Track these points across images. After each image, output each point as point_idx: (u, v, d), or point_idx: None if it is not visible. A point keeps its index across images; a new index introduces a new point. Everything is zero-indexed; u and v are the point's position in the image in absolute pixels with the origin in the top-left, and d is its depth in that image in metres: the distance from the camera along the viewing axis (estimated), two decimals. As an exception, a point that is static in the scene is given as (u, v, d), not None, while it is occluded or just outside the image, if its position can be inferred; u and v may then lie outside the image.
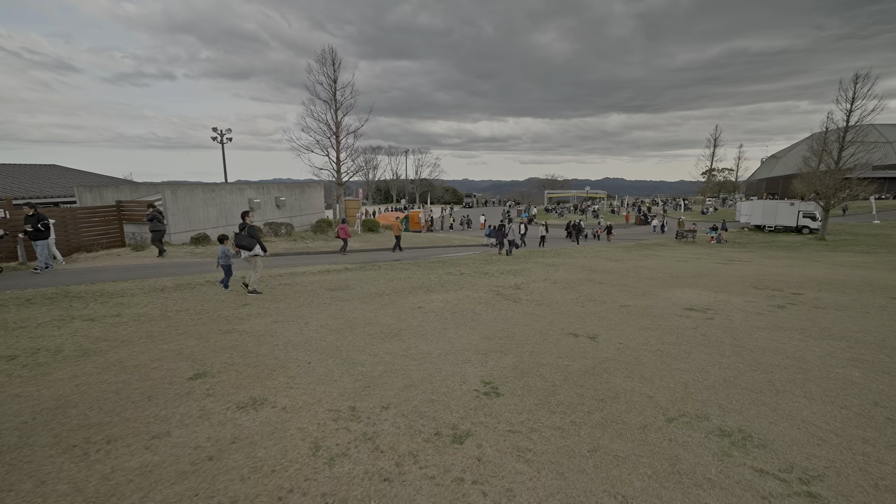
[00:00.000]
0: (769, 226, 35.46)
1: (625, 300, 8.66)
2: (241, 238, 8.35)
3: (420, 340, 5.66)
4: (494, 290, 9.66)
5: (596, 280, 11.31)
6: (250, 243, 8.37)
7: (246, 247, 8.35)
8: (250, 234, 8.42)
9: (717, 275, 12.72)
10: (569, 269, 13.36)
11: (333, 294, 8.87)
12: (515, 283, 10.72)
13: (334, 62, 22.39)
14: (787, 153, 70.98)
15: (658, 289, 10.09)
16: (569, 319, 7.03)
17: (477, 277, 11.55)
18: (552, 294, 9.28)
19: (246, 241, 8.35)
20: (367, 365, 4.69)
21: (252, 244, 8.38)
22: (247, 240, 8.36)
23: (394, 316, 7.03)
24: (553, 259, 16.72)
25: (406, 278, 11.17)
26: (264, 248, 8.68)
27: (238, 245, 8.30)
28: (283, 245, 18.03)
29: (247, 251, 8.40)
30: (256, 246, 8.44)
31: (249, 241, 8.37)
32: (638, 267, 14.35)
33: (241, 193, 19.97)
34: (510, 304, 8.22)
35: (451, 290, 9.50)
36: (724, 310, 7.82)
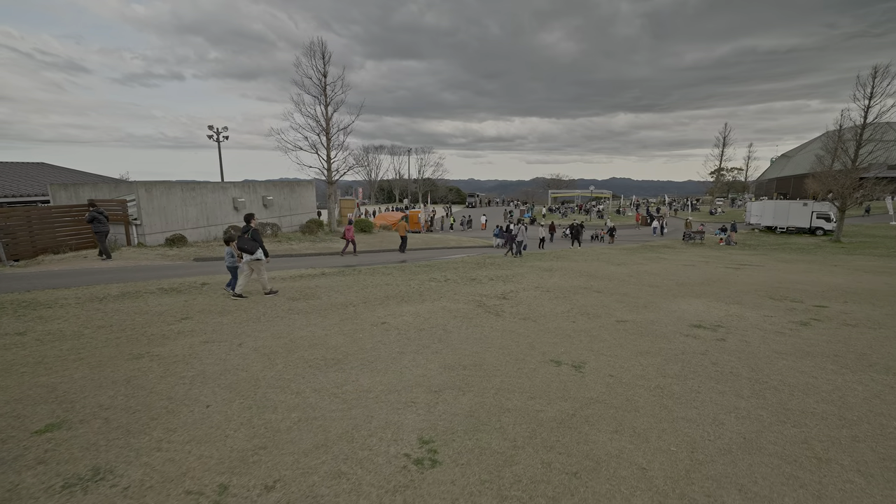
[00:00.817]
0: (781, 227, 34.07)
1: (623, 314, 7.57)
2: (244, 241, 8.16)
3: (364, 371, 4.62)
4: (477, 300, 8.61)
5: (593, 288, 10.21)
6: (252, 247, 8.18)
7: (248, 250, 8.18)
8: (253, 237, 8.23)
9: (728, 282, 11.57)
10: (565, 275, 12.27)
11: (293, 305, 7.87)
12: (503, 291, 9.66)
13: (324, 56, 21.46)
14: (798, 152, 69.20)
15: (661, 299, 8.98)
16: (554, 340, 5.96)
17: (462, 284, 10.50)
18: (541, 305, 8.21)
19: (248, 245, 8.16)
20: (281, 409, 3.67)
21: (254, 248, 8.19)
22: (249, 243, 8.17)
23: (348, 335, 6.00)
24: (550, 263, 15.62)
25: (383, 285, 10.15)
26: (266, 252, 8.57)
27: (240, 248, 8.16)
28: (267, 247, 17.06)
29: (248, 255, 8.22)
30: (258, 250, 8.27)
31: (252, 244, 8.17)
32: (641, 272, 13.22)
33: (224, 192, 19.06)
34: (490, 318, 7.17)
35: (428, 301, 8.46)
36: (737, 327, 6.71)
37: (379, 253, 20.47)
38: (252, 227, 8.36)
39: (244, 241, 8.18)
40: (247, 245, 8.17)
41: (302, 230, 21.41)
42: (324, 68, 21.51)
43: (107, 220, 13.61)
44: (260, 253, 8.34)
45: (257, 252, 8.28)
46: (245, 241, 8.18)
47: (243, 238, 8.20)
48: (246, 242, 8.17)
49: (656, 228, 36.19)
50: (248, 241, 8.19)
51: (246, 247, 8.17)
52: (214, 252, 15.42)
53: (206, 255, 14.53)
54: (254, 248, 8.21)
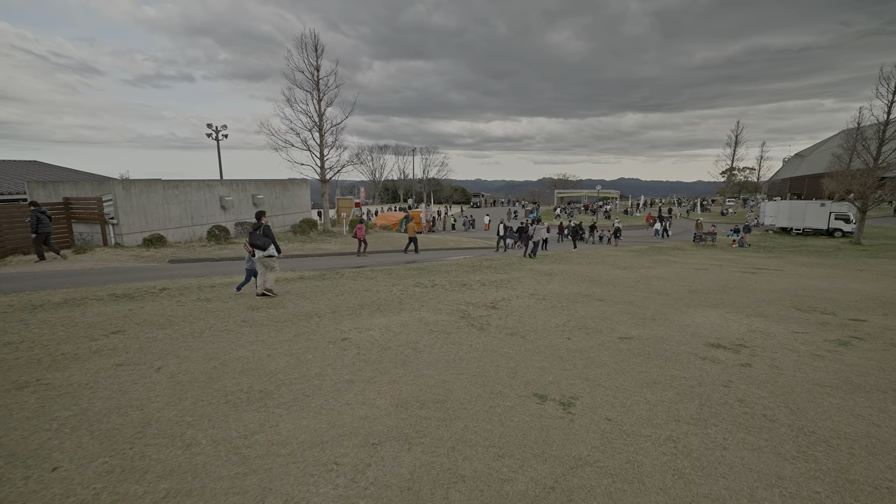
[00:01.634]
0: (797, 228, 32.61)
1: (627, 328, 6.52)
2: (256, 238, 8.06)
3: (292, 410, 3.64)
4: (462, 310, 7.60)
5: (595, 296, 9.16)
6: (265, 243, 8.06)
7: (260, 247, 8.05)
8: (265, 233, 8.14)
9: (746, 288, 10.44)
10: (565, 280, 11.21)
11: (250, 315, 6.92)
12: (493, 299, 8.64)
13: (316, 49, 20.52)
14: (813, 151, 67.30)
15: (672, 310, 7.91)
16: (543, 363, 4.94)
17: (450, 290, 9.50)
18: (534, 317, 7.19)
19: (260, 241, 8.04)
20: (151, 475, 2.69)
21: (266, 244, 8.08)
22: (261, 239, 8.05)
23: (295, 356, 5.03)
24: (551, 266, 14.56)
25: (362, 291, 9.18)
26: (279, 248, 8.42)
27: (252, 245, 8.07)
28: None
29: (261, 251, 8.10)
30: (271, 246, 8.15)
31: (264, 241, 8.07)
32: (649, 277, 12.12)
33: (210, 190, 18.22)
34: (472, 333, 6.16)
35: (406, 310, 7.47)
36: (764, 347, 5.64)
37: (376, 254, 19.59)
38: (264, 224, 8.23)
39: (256, 237, 8.06)
40: (259, 241, 8.03)
41: (294, 230, 20.53)
42: (316, 62, 20.63)
43: (49, 221, 12.60)
44: (272, 249, 8.19)
45: (269, 248, 8.14)
46: (257, 237, 8.05)
47: (255, 234, 8.09)
48: (258, 239, 8.03)
49: (658, 230, 34.04)
50: (259, 237, 8.05)
51: (258, 243, 8.03)
52: (194, 253, 14.56)
53: (184, 257, 13.66)
54: (266, 244, 8.06)
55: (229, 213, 19.16)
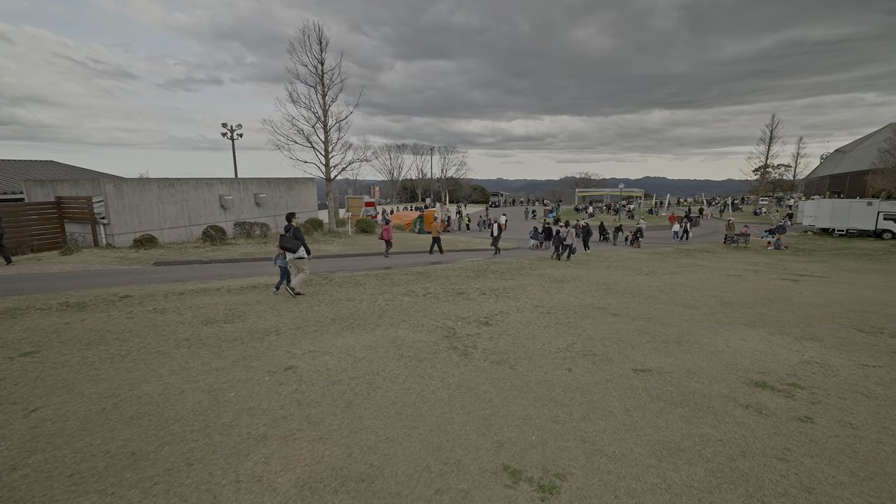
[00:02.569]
0: (839, 229, 30.12)
1: (645, 355, 5.26)
2: (286, 240, 8.11)
3: (150, 494, 2.59)
4: (448, 326, 6.48)
5: (609, 308, 7.88)
6: (294, 245, 8.11)
7: (290, 249, 8.07)
8: (295, 235, 8.17)
9: (790, 300, 8.95)
10: (577, 288, 9.94)
11: (196, 332, 5.96)
12: (490, 312, 7.48)
13: (321, 41, 19.67)
14: (855, 147, 63.22)
15: (701, 328, 6.59)
16: (528, 411, 3.77)
17: (443, 300, 8.39)
18: (532, 337, 6.00)
19: (290, 244, 8.08)
20: None
21: (296, 246, 8.13)
22: (291, 241, 8.08)
23: (215, 393, 4.00)
24: (565, 271, 13.26)
25: (343, 301, 8.16)
26: (308, 250, 8.49)
27: (282, 247, 8.10)
28: (244, 250, 15.41)
29: (291, 253, 8.13)
30: (301, 248, 8.18)
31: (294, 243, 8.11)
32: (674, 285, 10.71)
33: (209, 189, 17.59)
34: (451, 360, 5.03)
35: (383, 327, 6.39)
36: (826, 389, 4.31)
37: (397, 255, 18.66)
38: (293, 226, 8.25)
39: (286, 239, 8.06)
40: (289, 244, 8.04)
41: (296, 230, 19.75)
42: (320, 55, 19.78)
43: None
44: (302, 251, 8.20)
45: (300, 251, 8.15)
46: (287, 239, 8.06)
47: (285, 237, 8.10)
48: (288, 241, 8.04)
49: (678, 231, 30.04)
50: (290, 239, 8.06)
51: (288, 245, 8.04)
52: (184, 255, 13.86)
53: (171, 259, 12.95)
54: (295, 246, 8.09)
55: (230, 212, 18.51)
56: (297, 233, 8.23)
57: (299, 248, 8.18)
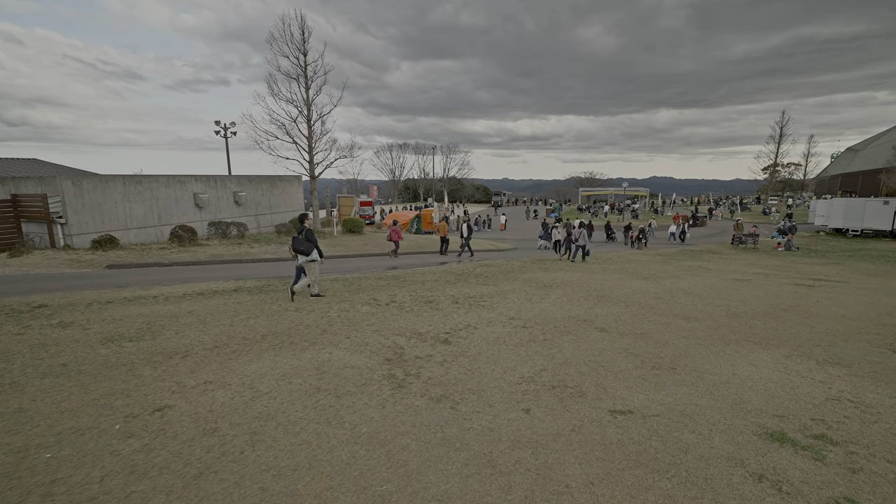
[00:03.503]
0: (853, 229, 28.69)
1: (628, 389, 4.16)
2: (299, 242, 7.92)
3: None
4: (397, 346, 5.41)
5: (596, 322, 6.76)
6: (307, 248, 7.94)
7: (303, 251, 7.92)
8: (308, 238, 7.99)
9: (806, 311, 7.79)
10: (565, 296, 8.82)
11: (91, 353, 4.93)
12: (455, 325, 6.40)
13: (303, 32, 18.67)
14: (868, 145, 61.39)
15: (702, 348, 5.46)
16: (449, 484, 2.68)
17: (406, 311, 7.32)
18: (494, 360, 4.92)
19: (303, 246, 7.92)
20: None
21: (309, 249, 7.96)
22: (304, 244, 7.93)
23: (22, 454, 2.96)
24: (556, 275, 12.13)
25: (291, 311, 7.12)
26: (321, 253, 8.30)
27: (295, 249, 7.95)
28: (214, 251, 14.41)
29: (304, 256, 7.97)
30: (314, 251, 8.01)
31: (307, 245, 7.94)
32: (675, 291, 9.57)
33: (182, 187, 16.62)
34: (381, 396, 3.95)
35: (318, 346, 5.34)
36: (867, 445, 3.19)
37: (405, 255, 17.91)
38: (306, 228, 8.06)
39: (298, 241, 7.88)
40: (301, 246, 7.86)
41: (278, 230, 18.75)
42: (303, 46, 18.77)
43: None
44: (315, 254, 8.00)
45: (312, 253, 7.95)
46: (299, 242, 7.88)
47: (298, 239, 7.91)
48: (300, 244, 7.87)
49: (674, 234, 27.64)
50: (302, 241, 7.89)
51: (301, 248, 7.86)
52: (144, 257, 12.88)
53: (129, 261, 11.97)
54: (308, 248, 7.91)
55: (206, 211, 17.55)
56: (309, 235, 7.99)
57: (312, 250, 7.93)
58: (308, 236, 7.99)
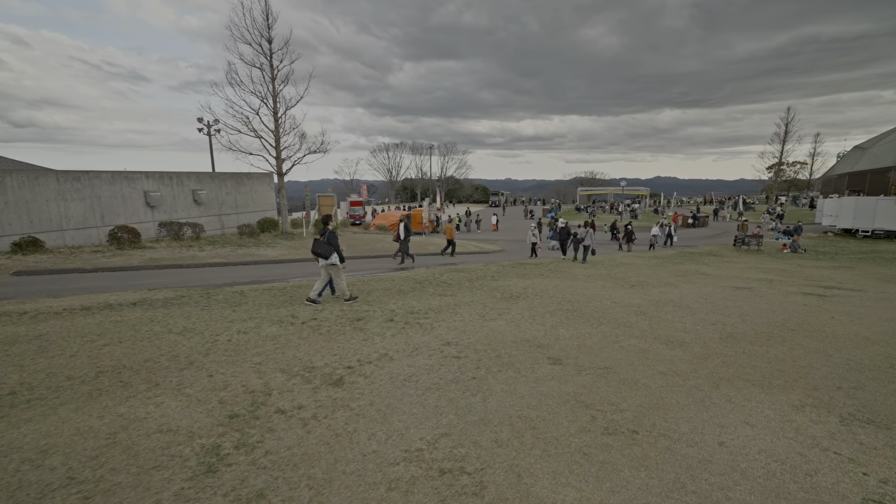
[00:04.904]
0: (864, 229, 27.08)
1: (553, 481, 2.70)
2: (319, 245, 7.59)
3: None
4: (266, 390, 4.00)
5: (552, 349, 5.31)
6: (327, 251, 7.57)
7: (322, 255, 7.59)
8: (329, 241, 7.66)
9: (819, 332, 6.31)
10: (529, 310, 7.38)
11: None
12: (365, 356, 4.98)
13: (267, 16, 17.25)
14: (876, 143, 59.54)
15: (682, 393, 4.01)
16: None
17: (320, 332, 5.91)
18: (385, 418, 3.50)
19: (323, 249, 7.58)
20: None
21: (329, 252, 7.57)
22: (324, 247, 7.59)
23: None
24: (530, 281, 10.68)
25: (174, 334, 5.70)
26: (342, 257, 7.88)
27: (315, 252, 7.64)
28: (156, 255, 13.01)
29: (324, 259, 7.62)
30: (334, 255, 7.62)
31: (327, 248, 7.58)
32: (663, 303, 8.11)
33: (130, 184, 15.24)
34: (155, 499, 2.52)
35: (143, 395, 3.93)
36: None
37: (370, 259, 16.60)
38: (329, 230, 7.76)
39: (319, 245, 7.59)
40: (321, 249, 7.56)
41: (240, 232, 17.35)
42: (267, 33, 17.38)
43: None
44: (335, 258, 7.65)
45: (333, 257, 7.61)
46: (320, 244, 7.59)
47: (318, 242, 7.63)
48: (321, 246, 7.57)
49: (657, 236, 24.75)
50: (323, 244, 7.58)
51: (320, 251, 7.57)
52: (68, 261, 11.49)
53: (45, 267, 10.59)
54: (328, 252, 7.57)
55: (159, 210, 16.15)
56: (332, 238, 7.65)
57: (332, 253, 7.56)
58: (330, 239, 7.63)
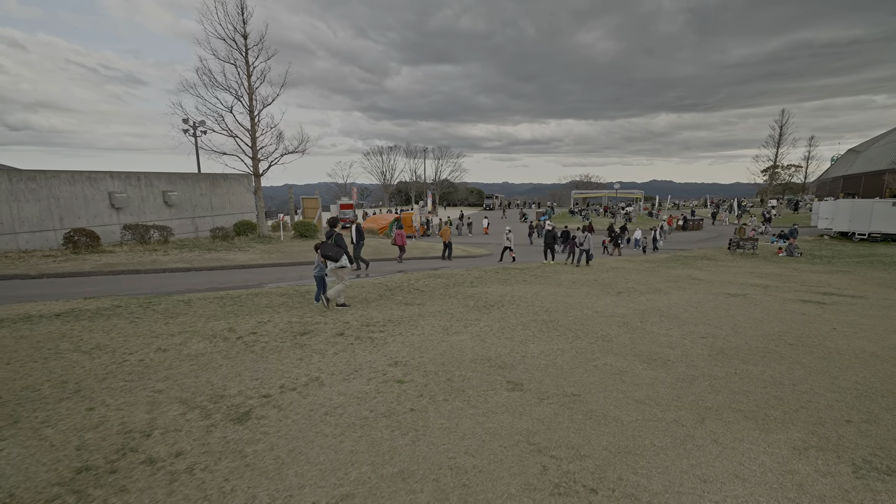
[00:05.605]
0: (860, 233, 26.53)
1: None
2: (327, 248, 7.41)
3: None
4: (145, 431, 3.24)
5: (515, 371, 4.58)
6: (336, 253, 7.35)
7: (332, 257, 7.35)
8: (337, 243, 7.50)
9: (820, 346, 5.60)
10: (500, 322, 6.66)
11: None
12: (291, 381, 4.24)
13: (242, 11, 16.50)
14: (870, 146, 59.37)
15: (659, 431, 3.27)
16: None
17: (256, 349, 5.17)
18: (278, 472, 2.75)
19: (331, 252, 7.36)
20: None
21: (338, 255, 7.35)
22: (333, 249, 7.38)
23: None
24: (509, 288, 9.95)
25: (80, 352, 4.93)
26: (351, 259, 7.76)
27: (323, 255, 7.40)
28: (112, 260, 12.21)
29: (332, 262, 7.39)
30: (343, 257, 7.40)
31: (335, 251, 7.36)
32: (649, 313, 7.41)
33: (93, 184, 14.43)
34: None
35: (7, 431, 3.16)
36: None
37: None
38: (336, 233, 7.68)
39: (327, 247, 7.46)
40: (330, 252, 7.41)
41: (213, 235, 16.55)
42: (243, 28, 16.65)
43: None
44: (344, 260, 7.51)
45: (342, 259, 7.46)
46: (328, 247, 7.46)
47: (326, 244, 7.52)
48: (329, 249, 7.43)
49: (639, 241, 23.89)
50: (331, 247, 7.46)
51: (330, 254, 7.41)
52: (12, 267, 10.66)
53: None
54: (338, 254, 7.42)
55: (126, 213, 15.33)
56: (339, 240, 7.56)
57: (341, 256, 7.42)
58: (338, 241, 7.51)
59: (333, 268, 7.50)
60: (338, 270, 7.54)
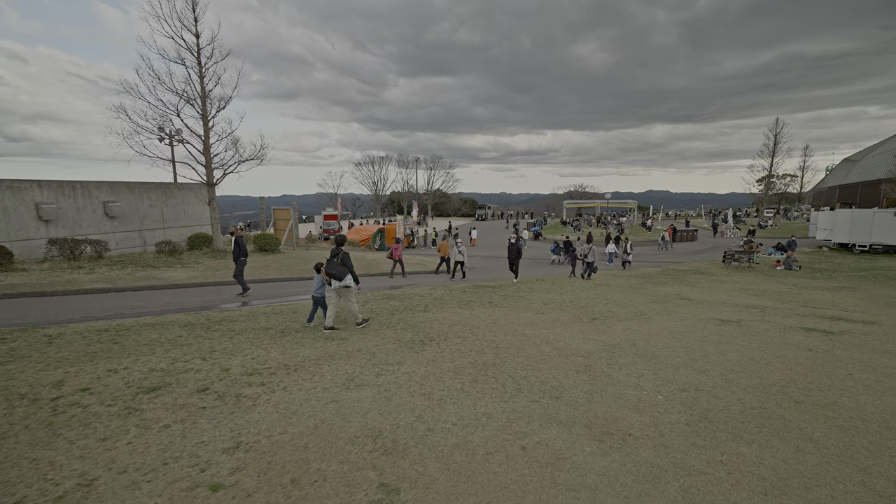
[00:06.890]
0: (861, 244, 25.26)
1: None
2: (332, 266, 7.09)
3: None
4: None
5: (401, 463, 3.12)
6: (341, 272, 7.05)
7: (337, 276, 7.06)
8: (343, 262, 7.12)
9: (835, 403, 4.15)
10: (431, 364, 5.24)
11: None
12: (67, 483, 2.75)
13: (193, 8, 15.22)
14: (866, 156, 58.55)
15: None
16: None
17: (67, 418, 3.69)
18: None
19: (337, 270, 7.05)
20: None
21: (343, 273, 7.06)
22: (338, 268, 7.06)
23: None
24: (474, 312, 8.52)
25: None
26: (357, 278, 7.37)
27: (328, 273, 7.16)
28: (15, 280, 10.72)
29: (337, 281, 7.09)
30: (348, 276, 7.11)
31: (341, 269, 7.06)
32: (620, 349, 5.98)
33: (16, 195, 12.98)
34: None
35: None
36: None
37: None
38: (343, 251, 7.21)
39: (333, 265, 7.07)
40: (336, 270, 7.03)
41: (158, 250, 15.06)
42: (194, 27, 15.36)
43: None
44: (349, 279, 7.14)
45: (347, 278, 7.09)
46: (334, 265, 7.07)
47: (332, 262, 7.11)
48: (335, 267, 7.05)
49: (614, 254, 22.74)
50: (337, 265, 7.06)
51: (335, 272, 7.03)
52: None
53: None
54: (343, 273, 7.04)
55: (56, 225, 13.84)
56: (346, 259, 7.21)
57: (346, 275, 7.12)
58: (344, 260, 7.14)
59: (337, 286, 7.18)
60: (342, 290, 7.28)
